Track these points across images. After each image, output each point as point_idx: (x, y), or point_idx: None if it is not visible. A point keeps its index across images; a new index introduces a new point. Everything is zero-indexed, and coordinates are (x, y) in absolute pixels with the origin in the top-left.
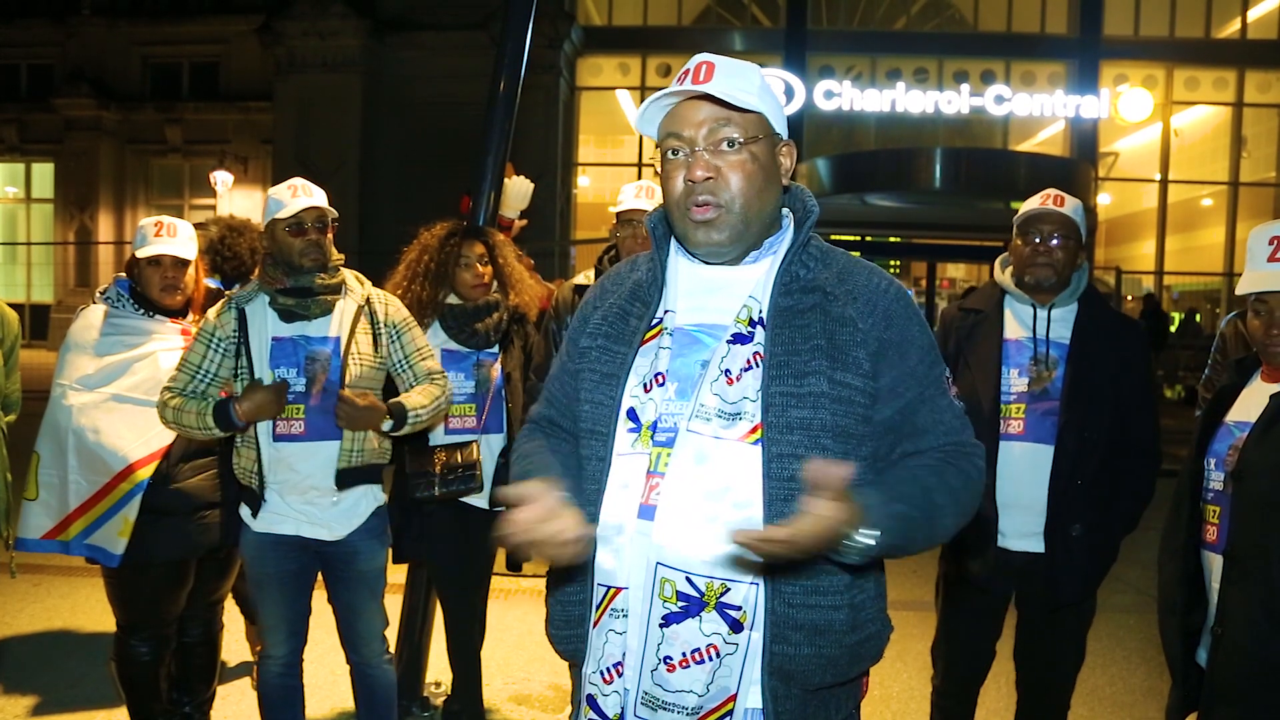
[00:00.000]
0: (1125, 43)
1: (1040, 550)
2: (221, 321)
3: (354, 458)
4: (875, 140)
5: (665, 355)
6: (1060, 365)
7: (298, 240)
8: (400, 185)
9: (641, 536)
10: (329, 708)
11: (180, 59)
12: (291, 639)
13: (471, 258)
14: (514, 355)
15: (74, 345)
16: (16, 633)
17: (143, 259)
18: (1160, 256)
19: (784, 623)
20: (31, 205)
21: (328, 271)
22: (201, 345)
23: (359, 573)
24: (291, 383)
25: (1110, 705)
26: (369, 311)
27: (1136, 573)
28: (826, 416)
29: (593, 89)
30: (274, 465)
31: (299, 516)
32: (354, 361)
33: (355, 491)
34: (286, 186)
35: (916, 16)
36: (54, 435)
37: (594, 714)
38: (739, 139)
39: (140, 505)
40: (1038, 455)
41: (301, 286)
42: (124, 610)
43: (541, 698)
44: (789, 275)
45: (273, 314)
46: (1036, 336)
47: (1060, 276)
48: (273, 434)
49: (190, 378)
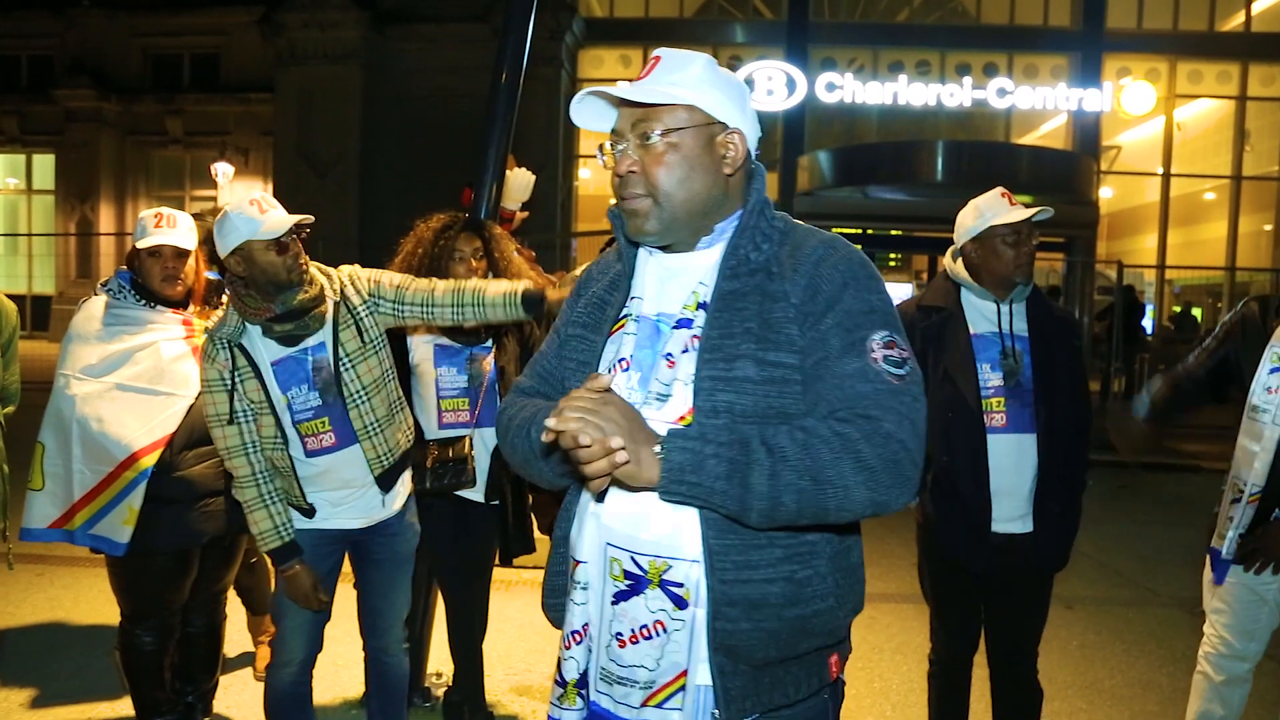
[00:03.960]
0: (1128, 36)
1: (1024, 531)
2: (219, 364)
3: (386, 460)
4: (877, 133)
5: (630, 342)
6: (1026, 357)
7: (283, 258)
8: (401, 177)
9: (594, 517)
10: (333, 696)
11: (181, 50)
12: (309, 645)
13: (465, 252)
14: (508, 349)
15: (76, 336)
16: (19, 623)
17: (143, 250)
18: (1162, 250)
19: (721, 599)
20: (32, 196)
21: (305, 283)
22: (220, 394)
23: (394, 554)
24: (306, 399)
25: (1109, 698)
26: (345, 303)
27: (1136, 566)
28: (751, 401)
29: (594, 81)
30: (313, 479)
31: (342, 513)
32: (346, 361)
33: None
34: (250, 203)
35: (919, 9)
36: (58, 425)
37: (558, 676)
38: (658, 131)
39: (144, 494)
40: (1022, 445)
41: (291, 310)
42: (128, 600)
43: (542, 688)
44: (735, 258)
45: (269, 341)
46: (1003, 331)
47: (1026, 274)
48: (305, 451)
49: (234, 425)
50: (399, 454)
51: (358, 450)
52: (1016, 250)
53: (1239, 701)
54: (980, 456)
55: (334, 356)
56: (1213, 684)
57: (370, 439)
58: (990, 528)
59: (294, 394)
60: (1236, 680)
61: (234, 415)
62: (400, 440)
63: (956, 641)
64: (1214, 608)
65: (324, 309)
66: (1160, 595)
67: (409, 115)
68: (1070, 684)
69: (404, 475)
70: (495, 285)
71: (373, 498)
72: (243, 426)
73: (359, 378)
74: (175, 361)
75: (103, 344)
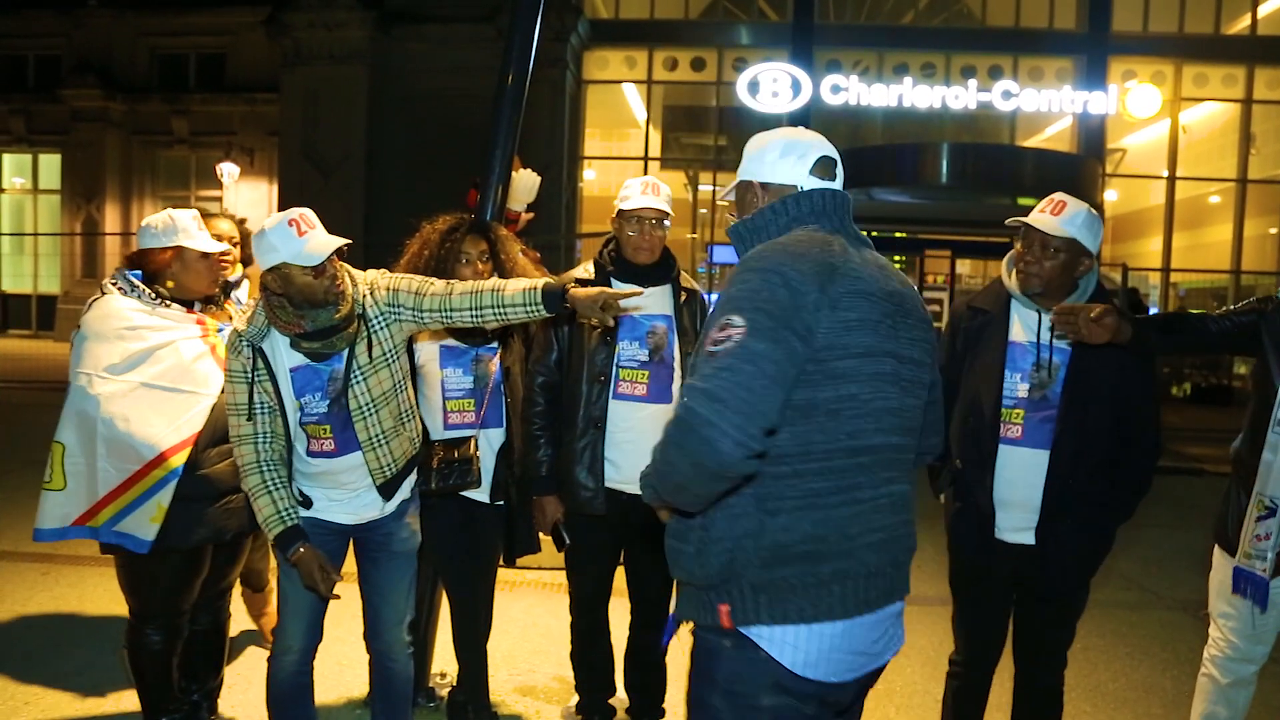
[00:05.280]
0: (1134, 38)
1: (1032, 543)
2: (243, 358)
3: (389, 469)
4: (882, 135)
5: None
6: (1061, 371)
7: (320, 280)
8: (406, 178)
9: None
10: (337, 696)
11: (187, 50)
12: (309, 633)
13: (472, 254)
14: (513, 350)
15: (93, 335)
16: (25, 620)
17: (193, 251)
18: (1167, 253)
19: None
20: (38, 196)
21: (339, 302)
22: (241, 384)
23: (393, 553)
24: (315, 405)
25: (1113, 701)
26: (363, 320)
27: (1139, 570)
28: None
29: (599, 82)
30: (311, 476)
31: (339, 504)
32: (358, 374)
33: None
34: (289, 224)
35: (924, 11)
36: (80, 424)
37: None
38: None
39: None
40: (1034, 460)
41: (321, 329)
42: (138, 599)
43: (546, 689)
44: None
45: (294, 351)
46: (1040, 342)
47: (1048, 286)
48: (307, 450)
49: (250, 419)
50: (403, 463)
51: (359, 459)
52: (1022, 257)
53: (1244, 704)
54: (988, 464)
55: (346, 370)
56: (1219, 686)
57: (375, 450)
58: (994, 534)
59: (306, 400)
60: (1242, 682)
61: (252, 409)
62: (406, 449)
63: (976, 644)
64: (1221, 611)
65: (353, 329)
66: (1164, 598)
67: (414, 116)
68: (1074, 687)
69: (408, 480)
70: (514, 284)
71: (370, 499)
72: (258, 419)
73: (368, 390)
74: (196, 360)
75: (123, 343)
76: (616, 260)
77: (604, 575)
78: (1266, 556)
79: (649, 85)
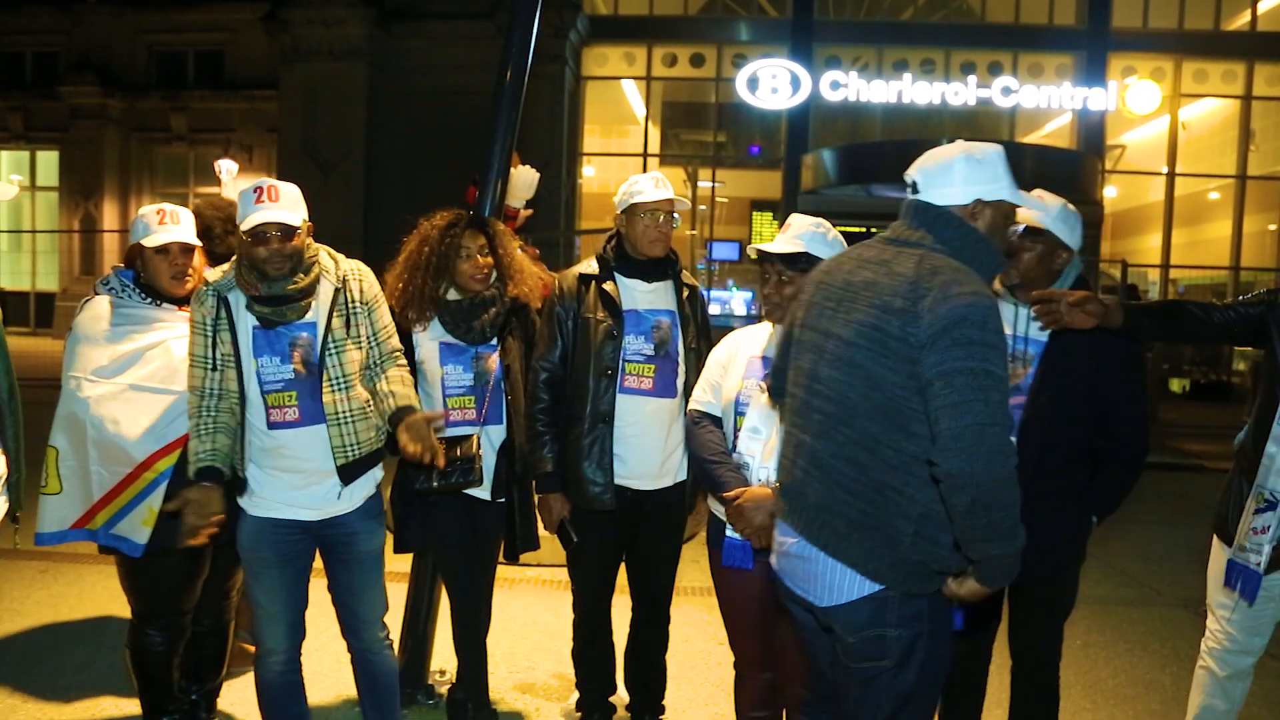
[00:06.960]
0: (1133, 35)
1: None
2: (206, 309)
3: (352, 451)
4: (881, 131)
5: None
6: (1034, 363)
7: (260, 248)
8: (405, 174)
9: None
10: (333, 695)
11: (185, 47)
12: (291, 632)
13: (472, 249)
14: (513, 347)
15: (83, 337)
16: (23, 619)
17: (150, 248)
18: (1166, 250)
19: None
20: (36, 193)
21: (301, 272)
22: (200, 336)
23: (359, 553)
24: (277, 370)
25: (1113, 698)
26: (345, 293)
27: (1139, 566)
28: None
29: (598, 79)
30: (270, 453)
31: (296, 500)
32: (332, 347)
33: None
34: (255, 190)
35: (923, 7)
36: (71, 427)
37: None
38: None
39: (164, 494)
40: None
41: (274, 295)
42: (140, 600)
43: (545, 686)
44: None
45: (245, 308)
46: (1015, 334)
47: (1024, 278)
48: (267, 422)
49: (204, 370)
50: (367, 451)
51: (322, 432)
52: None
53: (1240, 696)
54: None
55: (322, 338)
56: (1216, 678)
57: (339, 425)
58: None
59: (264, 362)
60: (1240, 675)
61: (208, 360)
62: (371, 438)
63: (966, 637)
64: (1219, 603)
65: (308, 303)
66: (1164, 595)
67: (414, 112)
68: (1073, 683)
69: (371, 474)
70: (401, 394)
71: (329, 488)
72: (211, 374)
73: (341, 365)
74: (186, 360)
75: (112, 344)
76: (619, 255)
77: (608, 572)
78: (1261, 550)
79: (648, 81)
